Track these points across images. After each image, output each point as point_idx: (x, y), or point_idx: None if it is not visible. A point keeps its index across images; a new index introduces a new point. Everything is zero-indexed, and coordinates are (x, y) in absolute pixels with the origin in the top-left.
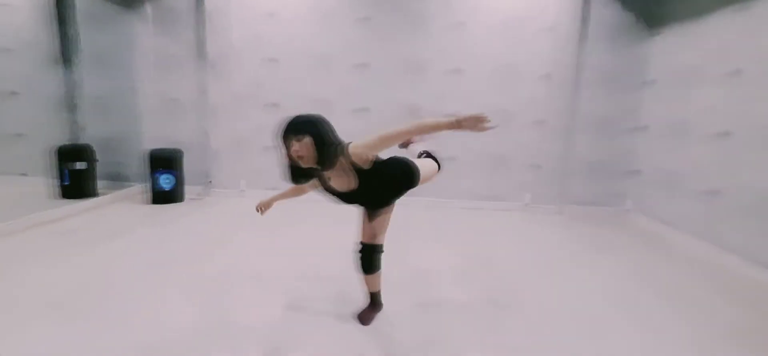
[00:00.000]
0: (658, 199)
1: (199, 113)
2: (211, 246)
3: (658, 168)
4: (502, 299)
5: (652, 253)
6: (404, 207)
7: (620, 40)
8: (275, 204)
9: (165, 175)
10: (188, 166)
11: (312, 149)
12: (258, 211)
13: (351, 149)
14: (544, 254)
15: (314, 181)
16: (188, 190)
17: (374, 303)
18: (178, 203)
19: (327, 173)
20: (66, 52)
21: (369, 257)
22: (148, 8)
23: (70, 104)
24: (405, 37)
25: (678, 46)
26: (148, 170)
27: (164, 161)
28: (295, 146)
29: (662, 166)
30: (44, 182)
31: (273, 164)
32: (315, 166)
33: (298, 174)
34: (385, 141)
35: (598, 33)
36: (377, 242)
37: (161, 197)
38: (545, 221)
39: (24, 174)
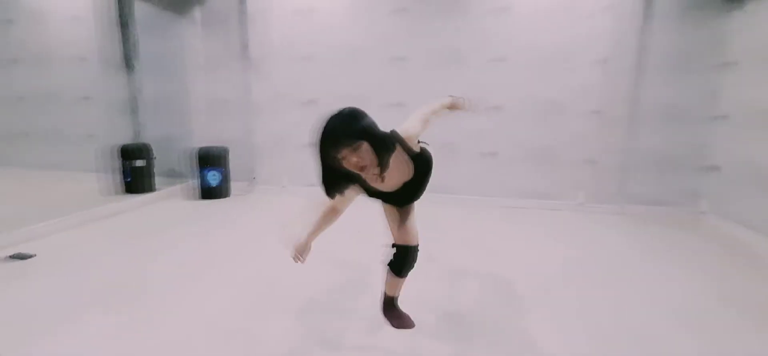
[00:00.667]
0: (742, 199)
1: (243, 112)
2: (251, 242)
3: (742, 163)
4: (551, 314)
5: (733, 263)
6: (438, 206)
7: (692, 16)
8: (312, 244)
9: (211, 172)
10: (234, 163)
11: (372, 154)
12: (296, 260)
13: (404, 134)
14: (602, 262)
15: (355, 187)
16: (234, 186)
17: (394, 305)
18: (224, 199)
19: (376, 174)
20: (128, 58)
21: (411, 258)
22: (197, 12)
23: (133, 106)
24: (443, 27)
25: (766, 21)
26: (196, 168)
27: (210, 159)
28: (353, 158)
29: (747, 161)
30: (111, 178)
31: (312, 160)
32: (376, 170)
33: (340, 180)
34: (426, 122)
35: (665, 9)
36: (416, 241)
37: (208, 192)
38: (602, 222)
39: (94, 171)
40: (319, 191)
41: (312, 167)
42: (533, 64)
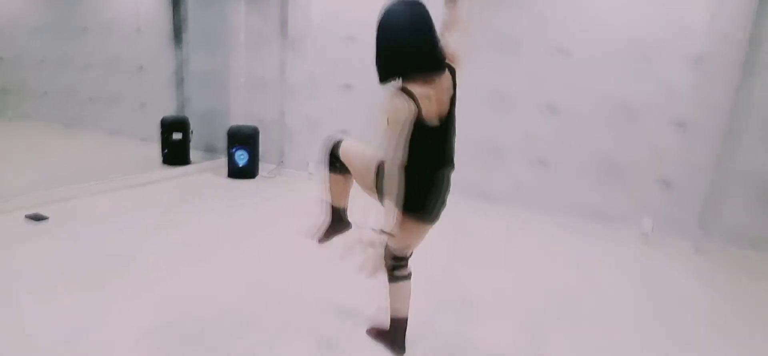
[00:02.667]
0: None
1: (277, 92)
2: (260, 229)
3: None
4: None
5: None
6: (474, 215)
7: None
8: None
9: (240, 151)
10: (265, 144)
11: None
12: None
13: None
14: (666, 314)
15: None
16: (262, 167)
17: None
18: (250, 180)
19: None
20: (178, 31)
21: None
22: None
23: (179, 78)
24: (496, 9)
25: None
26: (226, 145)
27: (240, 138)
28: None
29: None
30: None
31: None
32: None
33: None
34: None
35: None
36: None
37: (236, 171)
38: (674, 261)
39: (145, 139)
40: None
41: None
42: (604, 59)
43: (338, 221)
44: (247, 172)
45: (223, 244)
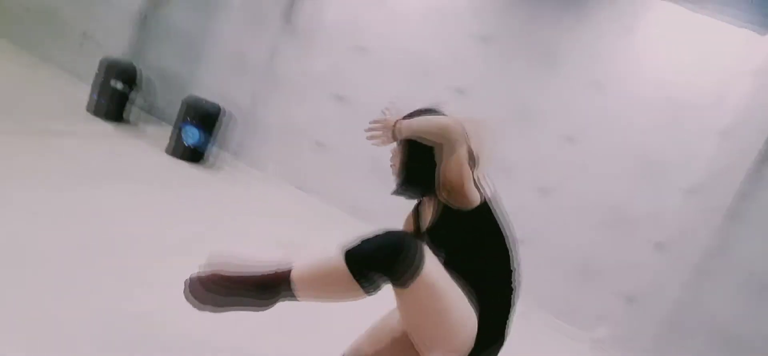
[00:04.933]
0: None
1: (257, 77)
2: (190, 230)
3: None
4: None
5: None
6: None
7: None
8: None
9: (191, 128)
10: (224, 129)
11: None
12: None
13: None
14: None
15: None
16: (214, 154)
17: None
18: (195, 164)
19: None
20: None
21: None
22: None
23: (142, 17)
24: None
25: None
26: (177, 116)
27: (198, 113)
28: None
29: None
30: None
31: (317, 166)
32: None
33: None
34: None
35: None
36: None
37: (181, 150)
38: None
39: (84, 79)
40: None
41: (310, 172)
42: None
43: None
44: (194, 154)
45: (130, 243)
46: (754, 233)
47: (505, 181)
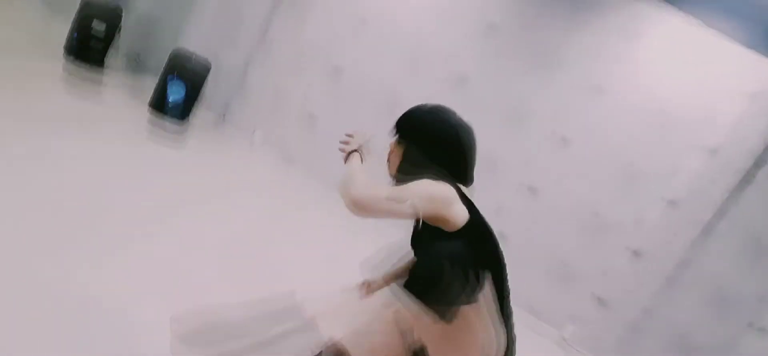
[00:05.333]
0: None
1: (251, 38)
2: (169, 197)
3: None
4: None
5: None
6: None
7: None
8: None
9: (178, 82)
10: (212, 88)
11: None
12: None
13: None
14: None
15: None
16: (199, 114)
17: None
18: (177, 121)
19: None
20: None
21: None
22: None
23: None
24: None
25: None
26: (163, 69)
27: (186, 67)
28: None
29: None
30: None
31: (307, 139)
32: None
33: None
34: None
35: None
36: None
37: (162, 105)
38: None
39: (60, 12)
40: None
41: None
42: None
43: None
44: (177, 111)
45: (97, 210)
46: (724, 250)
47: (495, 177)
